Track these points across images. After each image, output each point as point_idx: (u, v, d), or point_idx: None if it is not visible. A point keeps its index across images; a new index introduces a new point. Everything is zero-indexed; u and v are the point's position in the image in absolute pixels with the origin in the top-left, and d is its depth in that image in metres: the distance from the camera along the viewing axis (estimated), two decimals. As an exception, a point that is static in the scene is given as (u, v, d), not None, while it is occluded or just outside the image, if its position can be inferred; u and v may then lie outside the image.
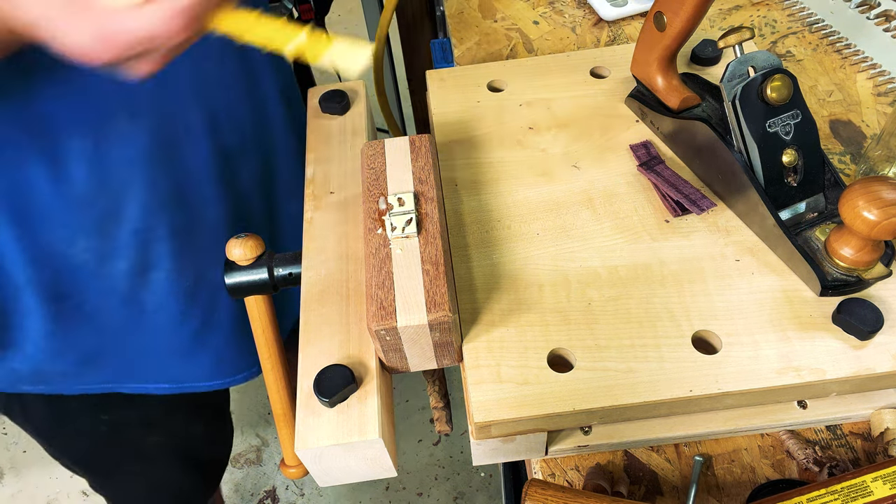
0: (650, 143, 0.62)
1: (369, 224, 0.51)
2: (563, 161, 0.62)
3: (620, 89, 0.67)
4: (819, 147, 0.53)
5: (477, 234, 0.57)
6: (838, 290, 0.50)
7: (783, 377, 0.47)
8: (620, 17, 0.85)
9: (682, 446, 0.54)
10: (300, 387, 0.50)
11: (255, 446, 1.65)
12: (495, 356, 0.50)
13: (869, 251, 0.48)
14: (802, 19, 0.81)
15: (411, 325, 0.46)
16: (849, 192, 0.45)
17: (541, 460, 0.55)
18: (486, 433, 0.49)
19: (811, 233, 0.52)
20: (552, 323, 0.51)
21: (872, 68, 0.74)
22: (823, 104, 0.72)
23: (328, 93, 0.68)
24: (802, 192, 0.53)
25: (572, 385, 0.48)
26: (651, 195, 0.59)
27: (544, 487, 0.47)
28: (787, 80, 0.51)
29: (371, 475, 0.53)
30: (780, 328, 0.49)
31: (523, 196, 0.59)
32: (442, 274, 0.47)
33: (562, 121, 0.65)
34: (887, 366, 0.47)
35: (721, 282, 0.52)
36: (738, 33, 0.52)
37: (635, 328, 0.50)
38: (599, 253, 0.55)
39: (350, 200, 0.60)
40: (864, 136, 0.68)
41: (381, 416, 0.48)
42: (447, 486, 1.56)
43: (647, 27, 0.58)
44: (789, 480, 0.51)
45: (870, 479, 0.46)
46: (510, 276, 0.54)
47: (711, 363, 0.48)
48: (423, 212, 0.51)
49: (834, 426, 0.54)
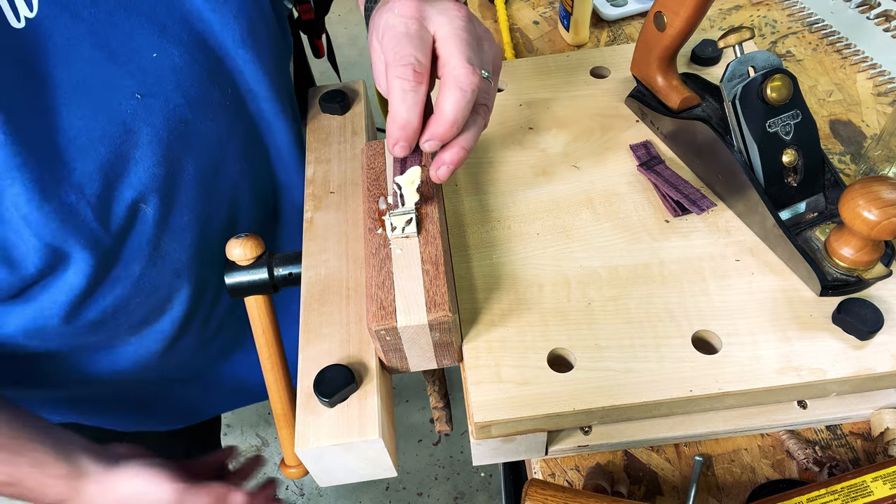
0: (650, 143, 0.62)
1: (369, 224, 0.51)
2: (563, 161, 0.62)
3: (620, 89, 0.67)
4: (819, 147, 0.53)
5: (477, 234, 0.57)
6: (838, 290, 0.50)
7: (783, 377, 0.47)
8: (620, 16, 0.85)
9: (682, 446, 0.54)
10: (300, 387, 0.50)
11: (255, 446, 1.65)
12: (495, 356, 0.50)
13: (869, 251, 0.48)
14: (802, 19, 0.81)
15: (411, 325, 0.46)
16: (849, 192, 0.45)
17: (541, 460, 0.55)
18: (486, 433, 0.49)
19: (811, 233, 0.52)
20: (552, 323, 0.51)
21: (872, 68, 0.74)
22: (823, 104, 0.72)
23: (328, 93, 0.68)
24: (802, 192, 0.53)
25: (572, 385, 0.48)
26: (651, 195, 0.59)
27: (544, 487, 0.47)
28: (787, 80, 0.51)
29: (371, 475, 0.53)
30: (780, 328, 0.49)
31: (523, 196, 0.59)
32: (442, 274, 0.47)
33: (562, 121, 0.65)
34: (887, 366, 0.47)
35: (721, 282, 0.52)
36: (738, 33, 0.52)
37: (635, 328, 0.50)
38: (599, 253, 0.55)
39: (350, 200, 0.60)
40: (864, 136, 0.68)
41: (381, 416, 0.48)
42: (447, 486, 1.56)
43: (647, 27, 0.58)
44: (789, 480, 0.51)
45: (870, 479, 0.46)
46: (510, 276, 0.54)
47: (711, 363, 0.48)
48: (423, 212, 0.51)
49: (834, 426, 0.54)
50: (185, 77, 0.53)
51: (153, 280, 0.60)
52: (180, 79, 0.53)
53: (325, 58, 0.98)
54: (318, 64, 1.06)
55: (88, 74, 0.49)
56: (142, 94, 0.51)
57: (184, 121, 0.55)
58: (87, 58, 0.49)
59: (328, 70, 1.14)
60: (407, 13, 0.45)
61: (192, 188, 0.58)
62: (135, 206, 0.55)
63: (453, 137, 0.45)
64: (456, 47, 0.44)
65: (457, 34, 0.44)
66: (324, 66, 1.08)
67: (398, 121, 0.44)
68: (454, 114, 0.44)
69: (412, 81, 0.43)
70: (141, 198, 0.55)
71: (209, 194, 0.60)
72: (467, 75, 0.43)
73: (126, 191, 0.53)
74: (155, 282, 0.61)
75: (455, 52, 0.44)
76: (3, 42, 0.44)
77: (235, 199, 0.65)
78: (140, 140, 0.52)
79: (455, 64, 0.44)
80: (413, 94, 0.43)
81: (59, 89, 0.48)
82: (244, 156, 0.63)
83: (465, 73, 0.43)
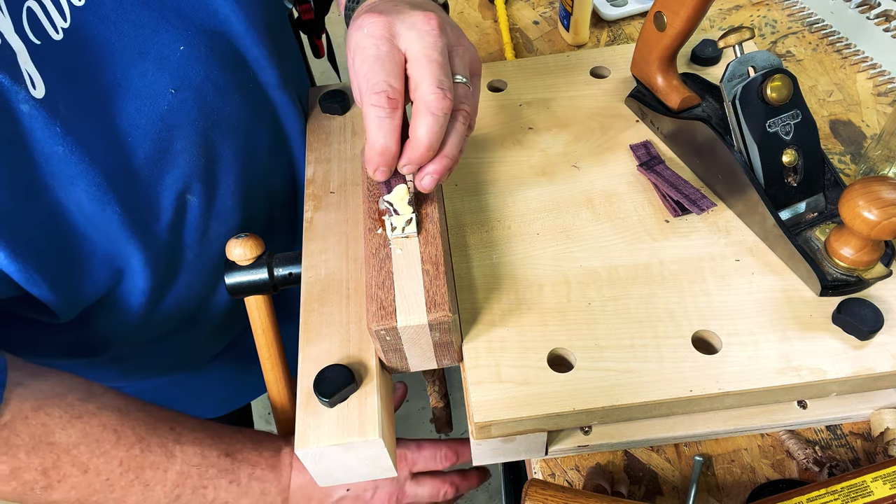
0: (650, 143, 0.62)
1: (369, 224, 0.51)
2: (563, 161, 0.62)
3: (620, 89, 0.67)
4: (819, 147, 0.53)
5: (477, 234, 0.57)
6: (838, 290, 0.50)
7: (783, 377, 0.47)
8: (620, 17, 0.85)
9: (682, 446, 0.54)
10: (300, 387, 0.50)
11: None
12: (495, 356, 0.50)
13: (869, 251, 0.48)
14: (802, 19, 0.81)
15: (411, 325, 0.46)
16: (849, 192, 0.45)
17: (541, 460, 0.55)
18: (486, 433, 0.49)
19: (811, 233, 0.52)
20: (552, 323, 0.51)
21: (872, 68, 0.74)
22: (823, 104, 0.72)
23: (328, 93, 0.68)
24: (802, 192, 0.53)
25: (572, 385, 0.48)
26: (651, 195, 0.59)
27: (544, 487, 0.47)
28: (787, 80, 0.51)
29: (371, 475, 0.53)
30: (780, 328, 0.49)
31: (523, 196, 0.59)
32: (442, 274, 0.47)
33: (562, 121, 0.65)
34: (887, 366, 0.47)
35: (721, 282, 0.52)
36: (738, 33, 0.52)
37: (635, 328, 0.50)
38: (599, 253, 0.55)
39: (350, 200, 0.60)
40: (864, 136, 0.68)
41: (381, 416, 0.48)
42: (447, 486, 1.55)
43: (647, 27, 0.58)
44: (789, 480, 0.51)
45: (870, 479, 0.46)
46: (510, 276, 0.54)
47: (711, 363, 0.48)
48: (423, 212, 0.51)
49: (834, 426, 0.54)
50: (211, 66, 0.54)
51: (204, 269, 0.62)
52: (207, 69, 0.54)
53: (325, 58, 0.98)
54: (319, 64, 1.06)
55: (125, 75, 0.49)
56: (175, 89, 0.52)
57: (216, 109, 0.55)
58: (122, 59, 0.49)
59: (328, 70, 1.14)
60: (377, 33, 0.45)
61: (230, 174, 0.59)
62: (181, 197, 0.56)
63: (431, 158, 0.46)
64: (426, 69, 0.44)
65: (426, 55, 0.44)
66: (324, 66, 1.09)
67: (377, 147, 0.44)
68: (428, 139, 0.44)
69: (387, 108, 0.44)
70: (186, 188, 0.56)
71: (247, 179, 0.62)
72: (438, 100, 0.43)
73: (172, 184, 0.54)
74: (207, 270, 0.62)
75: (425, 76, 0.44)
76: (50, 54, 0.45)
77: (269, 183, 0.66)
78: (180, 133, 0.53)
79: (425, 90, 0.44)
80: (389, 121, 0.44)
81: (102, 92, 0.48)
82: (270, 143, 0.64)
83: (436, 98, 0.43)
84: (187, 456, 0.55)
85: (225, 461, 0.56)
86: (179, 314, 0.64)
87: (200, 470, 0.55)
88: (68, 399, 0.51)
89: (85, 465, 0.50)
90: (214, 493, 0.55)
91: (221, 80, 0.55)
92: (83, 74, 0.47)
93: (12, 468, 0.47)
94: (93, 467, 0.50)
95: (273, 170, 0.66)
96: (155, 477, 0.53)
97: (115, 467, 0.51)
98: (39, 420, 0.49)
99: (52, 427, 0.49)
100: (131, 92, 0.50)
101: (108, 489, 0.51)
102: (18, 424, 0.48)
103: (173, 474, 0.54)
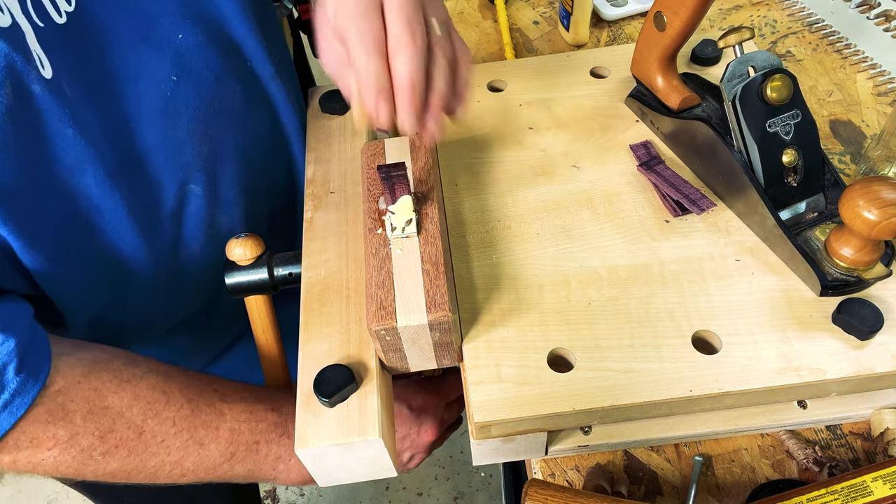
0: (650, 143, 0.62)
1: (369, 224, 0.51)
2: (563, 161, 0.62)
3: (620, 89, 0.67)
4: (819, 147, 0.53)
5: (477, 234, 0.57)
6: (838, 290, 0.50)
7: (783, 377, 0.47)
8: (620, 17, 0.85)
9: (682, 446, 0.54)
10: (300, 387, 0.50)
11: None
12: (495, 356, 0.50)
13: (869, 251, 0.48)
14: (802, 19, 0.81)
15: (411, 325, 0.46)
16: (849, 192, 0.45)
17: (541, 460, 0.55)
18: (486, 433, 0.49)
19: (811, 233, 0.52)
20: (552, 323, 0.51)
21: (872, 68, 0.74)
22: (823, 104, 0.72)
23: (328, 93, 0.68)
24: (802, 192, 0.53)
25: (572, 385, 0.48)
26: (651, 195, 0.59)
27: (544, 487, 0.47)
28: (787, 80, 0.51)
29: (371, 475, 0.53)
30: (780, 328, 0.49)
31: (523, 196, 0.59)
32: (442, 274, 0.47)
33: (562, 121, 0.65)
34: (887, 366, 0.47)
35: (721, 282, 0.52)
36: (738, 33, 0.52)
37: (635, 328, 0.50)
38: (599, 253, 0.55)
39: (350, 200, 0.60)
40: (864, 136, 0.68)
41: (381, 416, 0.48)
42: (447, 486, 1.56)
43: (647, 27, 0.58)
44: (789, 480, 0.51)
45: (870, 479, 0.46)
46: (510, 276, 0.54)
47: (711, 363, 0.48)
48: (423, 212, 0.51)
49: (834, 426, 0.54)
50: (209, 55, 0.54)
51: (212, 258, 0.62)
52: (206, 57, 0.54)
53: (325, 58, 0.98)
54: (319, 64, 1.06)
55: (128, 61, 0.49)
56: (177, 77, 0.52)
57: (216, 97, 0.55)
58: (124, 45, 0.49)
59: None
60: None
61: (233, 163, 0.59)
62: (184, 186, 0.56)
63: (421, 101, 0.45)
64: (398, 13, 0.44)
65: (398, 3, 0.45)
66: (324, 66, 1.08)
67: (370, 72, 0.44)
68: (408, 72, 0.44)
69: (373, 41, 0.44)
70: (189, 177, 0.56)
71: (248, 172, 0.61)
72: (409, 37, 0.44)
73: (176, 172, 0.54)
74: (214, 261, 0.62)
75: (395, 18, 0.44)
76: (54, 38, 0.45)
77: (270, 179, 0.66)
78: (181, 121, 0.53)
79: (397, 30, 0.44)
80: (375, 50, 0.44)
81: (106, 78, 0.48)
82: (269, 136, 0.64)
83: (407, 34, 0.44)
84: (235, 413, 0.54)
85: (273, 415, 0.56)
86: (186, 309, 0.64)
87: (250, 425, 0.55)
88: (114, 364, 0.51)
89: (140, 428, 0.50)
90: (267, 447, 0.55)
91: (219, 68, 0.55)
92: (87, 59, 0.47)
93: (71, 434, 0.48)
94: (147, 429, 0.50)
95: (273, 165, 0.66)
96: (208, 435, 0.53)
97: (168, 428, 0.51)
98: (91, 385, 0.49)
99: (104, 391, 0.49)
100: (134, 78, 0.50)
101: (164, 452, 0.51)
102: (72, 390, 0.48)
103: (225, 431, 0.53)
